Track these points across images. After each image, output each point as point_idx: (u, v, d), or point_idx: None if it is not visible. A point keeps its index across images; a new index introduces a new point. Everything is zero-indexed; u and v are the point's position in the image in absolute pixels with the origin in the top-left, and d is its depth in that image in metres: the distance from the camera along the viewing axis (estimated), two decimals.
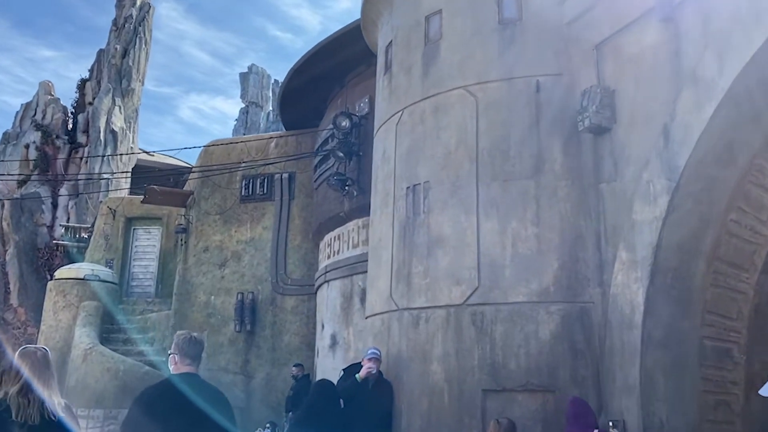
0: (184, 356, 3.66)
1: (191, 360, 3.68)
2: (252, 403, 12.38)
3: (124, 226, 16.77)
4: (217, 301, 13.12)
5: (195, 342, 3.74)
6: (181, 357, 3.66)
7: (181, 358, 3.65)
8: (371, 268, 7.34)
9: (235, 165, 12.70)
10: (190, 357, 3.68)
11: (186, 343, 3.69)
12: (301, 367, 11.37)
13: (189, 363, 3.67)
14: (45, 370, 3.50)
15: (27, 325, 19.31)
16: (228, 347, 12.76)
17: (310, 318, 12.56)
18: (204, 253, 13.51)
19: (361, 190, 10.08)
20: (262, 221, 13.37)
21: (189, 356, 3.67)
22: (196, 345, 3.74)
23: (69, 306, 13.90)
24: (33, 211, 20.94)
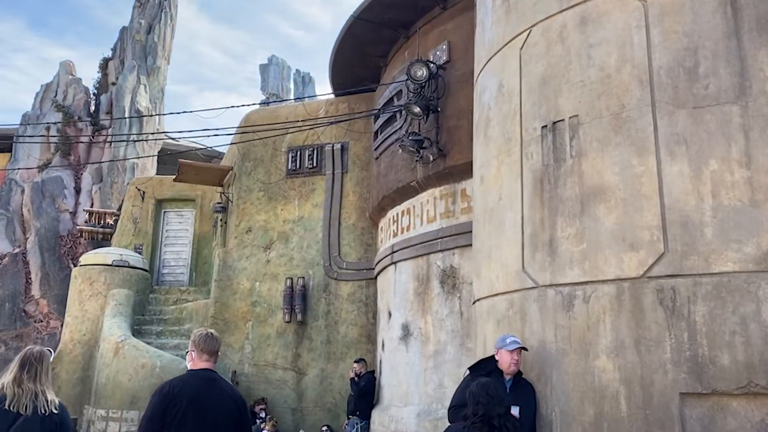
0: (201, 352, 3.73)
1: (208, 356, 3.74)
2: (305, 404, 10.88)
3: (154, 208, 15.38)
4: (262, 288, 11.63)
5: (212, 338, 3.79)
6: (198, 353, 3.74)
7: (198, 354, 3.74)
8: (483, 237, 5.76)
9: (283, 125, 11.12)
10: (207, 353, 3.74)
11: (203, 339, 3.77)
12: (363, 363, 9.88)
13: (206, 359, 3.74)
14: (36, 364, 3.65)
15: (50, 317, 18.02)
16: (276, 340, 11.27)
17: (370, 306, 11.02)
18: (247, 235, 12.01)
19: (440, 152, 8.51)
20: (311, 198, 11.84)
21: (206, 352, 3.73)
22: (214, 341, 3.79)
23: (96, 295, 12.50)
24: (55, 196, 19.63)
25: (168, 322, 12.65)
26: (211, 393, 3.64)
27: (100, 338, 11.43)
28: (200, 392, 3.61)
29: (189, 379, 3.71)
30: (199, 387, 3.63)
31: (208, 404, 3.58)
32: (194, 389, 3.60)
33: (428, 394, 8.40)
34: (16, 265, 18.66)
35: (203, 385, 3.65)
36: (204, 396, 3.60)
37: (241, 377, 11.08)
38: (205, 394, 3.60)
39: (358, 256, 11.30)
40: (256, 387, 11.07)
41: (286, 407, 10.91)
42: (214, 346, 3.81)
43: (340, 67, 11.41)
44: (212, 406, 3.60)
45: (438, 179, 8.71)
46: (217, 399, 3.65)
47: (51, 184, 19.68)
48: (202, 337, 3.82)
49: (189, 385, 3.63)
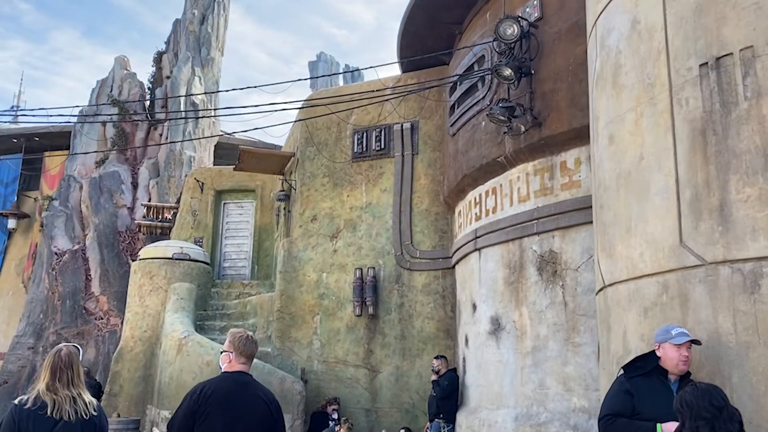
0: (240, 355, 3.68)
1: (246, 359, 3.71)
2: (379, 404, 10.04)
3: (214, 200, 14.82)
4: (330, 280, 10.84)
5: (251, 341, 3.75)
6: (236, 355, 3.68)
7: (237, 357, 3.68)
8: (616, 208, 4.75)
9: (350, 97, 10.26)
10: (245, 356, 3.70)
11: (243, 342, 3.71)
12: (444, 360, 8.96)
13: (243, 362, 3.69)
14: (66, 369, 3.55)
15: (110, 315, 17.76)
16: (346, 335, 10.46)
17: (447, 298, 10.09)
18: (312, 223, 11.24)
19: (535, 120, 7.50)
20: (379, 182, 10.98)
21: (244, 355, 3.69)
22: (252, 345, 3.75)
23: (157, 290, 11.97)
24: (112, 191, 19.39)
25: (231, 317, 12.02)
26: (243, 396, 3.58)
27: (162, 334, 10.87)
28: (232, 395, 3.55)
29: (222, 381, 3.65)
30: (232, 390, 3.57)
31: (240, 407, 3.54)
32: (226, 392, 3.55)
33: (526, 395, 7.43)
34: (75, 262, 18.49)
35: (236, 389, 3.59)
36: (236, 399, 3.55)
37: (310, 375, 10.33)
38: (237, 397, 3.55)
39: (433, 244, 10.38)
40: (326, 386, 10.30)
41: (359, 408, 10.09)
42: (252, 350, 3.77)
43: (409, 38, 10.50)
44: (243, 409, 3.55)
45: (531, 152, 7.71)
46: (248, 402, 3.59)
47: (108, 179, 19.45)
48: (242, 339, 3.74)
49: (222, 387, 3.58)
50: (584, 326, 6.91)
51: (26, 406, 3.48)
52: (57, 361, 3.60)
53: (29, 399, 3.52)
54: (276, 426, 3.72)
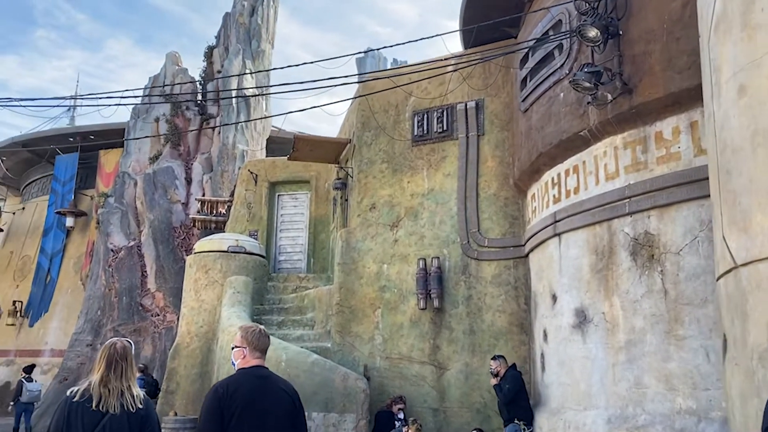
0: (254, 350, 3.66)
1: (260, 354, 3.68)
2: (448, 404, 9.36)
3: (268, 192, 14.41)
4: (391, 271, 10.22)
5: (264, 335, 3.73)
6: (250, 350, 3.66)
7: (251, 352, 3.66)
8: (752, 172, 3.95)
9: (409, 73, 9.58)
10: (260, 351, 3.68)
11: (256, 336, 3.68)
12: (503, 360, 8.22)
13: (258, 356, 3.67)
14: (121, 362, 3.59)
15: (166, 311, 17.60)
16: (410, 329, 9.82)
17: (520, 290, 9.33)
18: (371, 212, 10.64)
19: (624, 86, 6.68)
20: (442, 167, 10.28)
21: (258, 350, 3.67)
22: (266, 339, 3.74)
23: (212, 284, 11.59)
24: (166, 187, 19.27)
25: (289, 312, 11.53)
26: (266, 390, 3.57)
27: (219, 329, 10.47)
28: (255, 391, 3.53)
29: (242, 378, 3.61)
30: (254, 385, 3.55)
31: (264, 402, 3.52)
32: (249, 388, 3.52)
33: (620, 395, 6.63)
34: (131, 259, 18.43)
35: (257, 384, 3.57)
36: (259, 394, 3.53)
37: (372, 372, 9.73)
38: (260, 393, 3.54)
39: (502, 232, 9.63)
40: (390, 383, 9.68)
41: (425, 407, 9.44)
42: (265, 344, 3.75)
43: (473, 10, 9.77)
44: (268, 403, 3.53)
45: (620, 123, 6.89)
46: (272, 396, 3.57)
47: (162, 175, 19.34)
48: (255, 334, 3.71)
49: (243, 384, 3.55)
50: (689, 317, 6.08)
51: (75, 399, 3.54)
52: (113, 353, 3.65)
53: (78, 392, 3.58)
54: (299, 416, 3.72)
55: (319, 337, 10.56)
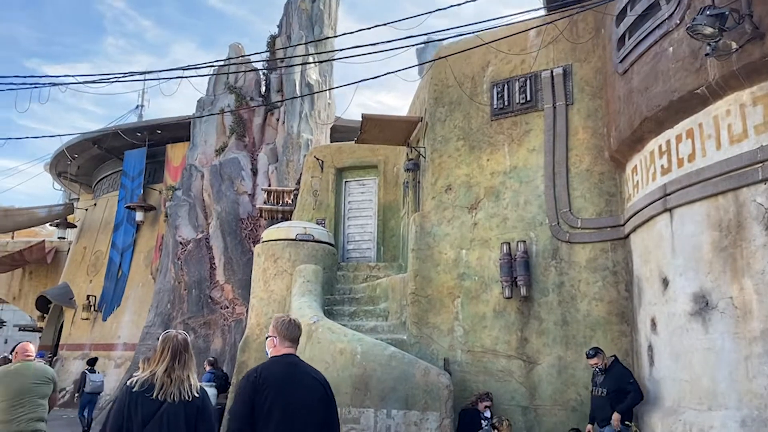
0: (284, 339, 3.83)
1: (291, 343, 3.85)
2: (539, 401, 8.48)
3: (335, 178, 13.82)
4: (470, 257, 9.40)
5: (294, 325, 3.90)
6: (281, 340, 3.83)
7: (281, 341, 3.83)
8: None
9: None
10: (290, 340, 3.84)
11: (285, 326, 3.86)
12: (602, 354, 7.27)
13: (288, 345, 3.83)
14: (184, 352, 3.78)
15: (235, 303, 17.34)
16: (494, 320, 8.98)
17: (620, 275, 8.35)
18: (446, 194, 9.84)
19: (755, 31, 5.64)
20: (526, 141, 9.37)
21: (288, 339, 3.83)
22: (295, 328, 3.91)
23: (281, 273, 11.08)
24: (233, 178, 19.02)
25: (360, 302, 10.89)
26: (296, 377, 3.66)
27: None
28: (286, 378, 3.63)
29: (273, 365, 3.74)
30: (284, 373, 3.66)
31: (295, 389, 3.61)
32: (279, 375, 3.63)
33: (755, 393, 5.62)
34: (200, 251, 18.28)
35: (288, 371, 3.68)
36: (290, 381, 3.62)
37: (453, 366, 8.95)
38: (290, 380, 3.62)
39: (597, 211, 8.66)
40: (473, 379, 8.88)
41: (514, 405, 8.59)
42: (296, 333, 3.88)
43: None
44: (299, 390, 3.62)
45: (749, 75, 5.85)
46: (302, 383, 3.66)
47: (228, 166, 19.11)
48: (285, 323, 3.87)
49: (274, 371, 3.67)
50: None
51: (134, 389, 3.65)
52: (177, 344, 3.80)
53: (137, 382, 3.70)
54: (331, 403, 3.78)
55: (393, 329, 9.86)
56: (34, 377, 6.44)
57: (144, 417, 3.59)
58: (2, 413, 6.13)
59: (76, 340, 22.79)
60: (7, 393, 6.22)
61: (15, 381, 6.35)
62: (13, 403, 6.20)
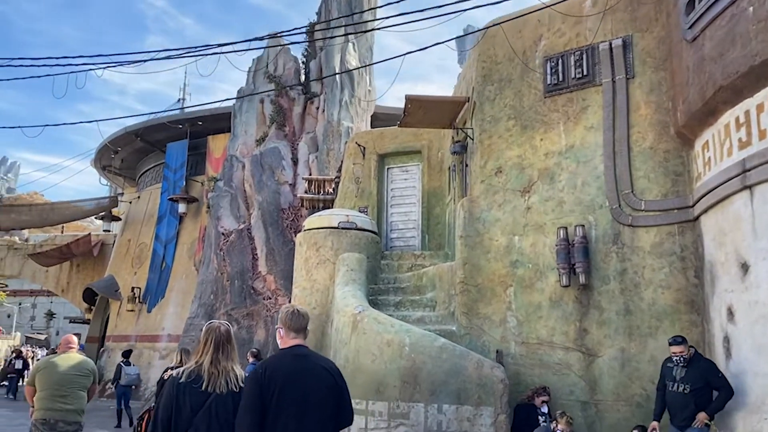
0: (289, 330, 3.76)
1: (296, 333, 3.76)
2: (600, 396, 7.91)
3: (377, 165, 13.40)
4: (524, 244, 8.86)
5: (298, 315, 3.80)
6: (286, 330, 3.77)
7: (287, 332, 3.77)
8: None
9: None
10: (295, 330, 3.76)
11: (289, 316, 3.77)
12: (686, 344, 6.65)
13: (294, 336, 3.76)
14: (227, 343, 3.85)
15: (277, 294, 17.13)
16: (550, 310, 8.43)
17: (688, 260, 7.70)
18: (496, 177, 9.31)
19: None
20: (582, 119, 8.76)
21: (293, 330, 3.76)
22: (300, 318, 3.80)
23: (324, 262, 10.72)
24: (273, 168, 18.80)
25: (406, 291, 10.46)
26: (305, 368, 3.61)
27: (333, 310, 9.58)
28: (294, 369, 3.59)
29: (280, 358, 3.71)
30: (292, 364, 3.62)
31: (304, 380, 3.56)
32: (287, 368, 3.59)
33: None
34: (242, 242, 18.14)
35: (296, 362, 3.63)
36: (298, 373, 3.57)
37: (507, 359, 8.44)
38: (299, 371, 3.58)
39: (663, 192, 8.01)
40: (527, 372, 8.36)
41: (572, 400, 8.04)
42: (300, 323, 3.79)
43: None
44: (306, 381, 3.57)
45: None
46: (311, 374, 3.61)
47: (269, 156, 18.90)
48: (288, 314, 3.81)
49: (281, 364, 3.63)
50: None
51: (181, 380, 3.69)
52: (219, 336, 3.83)
53: (184, 373, 3.73)
54: (342, 393, 3.74)
55: (441, 320, 9.40)
56: (75, 368, 6.67)
57: (193, 407, 3.63)
58: (44, 401, 6.37)
59: (122, 331, 23.02)
60: (48, 383, 6.42)
61: (56, 371, 6.51)
62: (53, 393, 6.39)
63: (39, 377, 6.51)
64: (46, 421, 6.34)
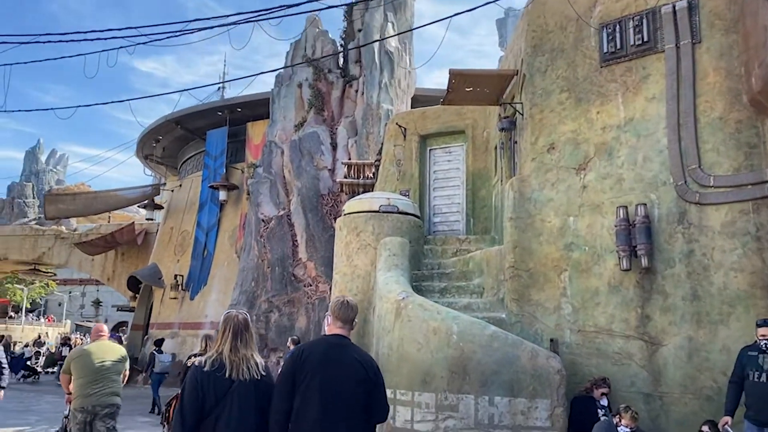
0: (336, 320, 3.91)
1: (342, 324, 3.90)
2: (665, 388, 7.30)
3: (418, 146, 12.90)
4: (579, 225, 8.26)
5: (347, 307, 3.95)
6: (333, 320, 3.93)
7: (334, 321, 3.92)
8: None
9: None
10: (341, 321, 3.90)
11: (338, 307, 3.94)
12: None
13: (340, 326, 3.90)
14: (245, 332, 3.91)
15: (318, 281, 16.85)
16: (608, 296, 7.83)
17: (764, 240, 7.02)
18: (548, 154, 8.71)
19: None
20: (643, 89, 8.09)
21: (340, 320, 3.90)
22: (349, 310, 3.94)
23: (365, 247, 10.30)
24: (312, 153, 18.47)
25: (452, 277, 9.97)
26: (338, 357, 3.70)
27: (375, 297, 9.16)
28: (327, 356, 3.69)
29: (319, 343, 3.91)
30: (327, 351, 3.72)
31: (333, 368, 3.65)
32: (322, 353, 3.71)
33: None
34: (281, 228, 17.90)
35: (331, 350, 3.73)
36: (331, 360, 3.67)
37: (561, 348, 7.90)
38: (332, 358, 3.68)
39: (735, 166, 7.31)
40: (584, 362, 7.80)
41: (634, 392, 7.46)
42: (348, 314, 3.90)
43: None
44: (337, 369, 3.65)
45: None
46: (342, 362, 3.69)
47: (308, 141, 18.57)
48: (338, 304, 3.95)
49: (317, 349, 3.77)
50: None
51: (205, 369, 3.75)
52: (237, 324, 3.89)
53: (207, 361, 3.79)
54: (374, 389, 3.76)
55: (490, 307, 8.89)
56: (108, 355, 7.01)
57: (217, 395, 3.68)
58: (81, 388, 6.75)
59: (165, 319, 23.16)
60: (84, 370, 6.82)
61: (90, 359, 6.88)
62: (90, 380, 6.78)
63: (74, 365, 6.89)
64: (84, 409, 6.69)
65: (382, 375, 3.88)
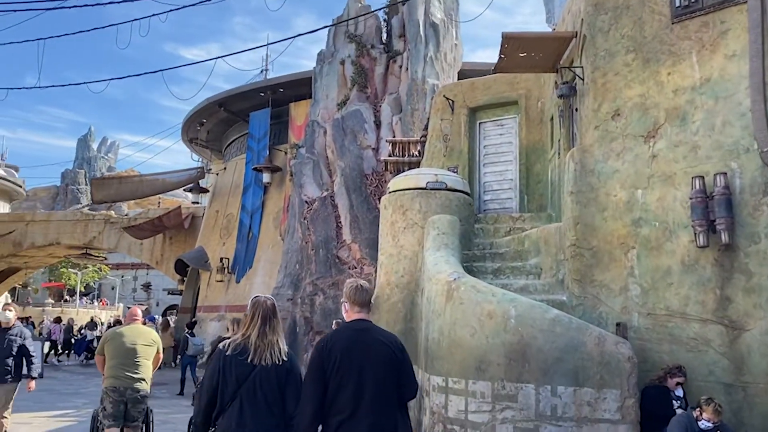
0: (353, 304, 3.92)
1: (360, 308, 3.92)
2: (749, 378, 6.56)
3: (467, 120, 12.22)
4: (648, 198, 7.50)
5: (362, 290, 3.94)
6: (350, 305, 3.93)
7: (351, 306, 3.93)
8: None
9: None
10: (359, 305, 3.91)
11: (353, 291, 3.93)
12: None
13: (358, 311, 3.91)
14: (273, 317, 3.95)
15: (363, 263, 16.41)
16: (682, 275, 7.08)
17: None
18: (613, 121, 7.95)
19: None
20: (721, 46, 7.23)
21: (357, 304, 3.91)
22: (364, 293, 3.94)
23: (411, 226, 9.74)
24: (356, 132, 17.95)
25: (505, 257, 9.33)
26: (363, 342, 3.73)
27: (423, 278, 8.60)
28: (352, 343, 3.71)
29: (342, 331, 3.86)
30: (351, 338, 3.75)
31: (361, 354, 3.68)
32: (346, 341, 3.73)
33: None
34: (325, 210, 17.49)
35: (355, 336, 3.76)
36: (355, 346, 3.70)
37: (629, 333, 7.19)
38: (356, 344, 3.71)
39: None
40: (655, 348, 7.10)
41: (712, 381, 6.73)
42: (364, 298, 3.92)
43: None
44: (364, 355, 3.68)
45: None
46: (368, 347, 3.72)
47: (351, 119, 18.06)
48: (352, 289, 3.95)
49: (342, 337, 3.78)
50: None
51: (227, 353, 3.84)
52: (266, 310, 3.96)
53: (230, 346, 3.87)
54: (402, 367, 3.80)
55: (549, 288, 8.23)
56: (140, 339, 7.13)
57: (238, 378, 3.74)
58: (112, 370, 6.90)
59: (212, 302, 23.17)
60: (116, 352, 6.97)
61: (123, 342, 7.03)
62: (121, 362, 6.92)
63: (107, 347, 7.03)
64: (116, 389, 6.85)
65: (407, 353, 3.93)
